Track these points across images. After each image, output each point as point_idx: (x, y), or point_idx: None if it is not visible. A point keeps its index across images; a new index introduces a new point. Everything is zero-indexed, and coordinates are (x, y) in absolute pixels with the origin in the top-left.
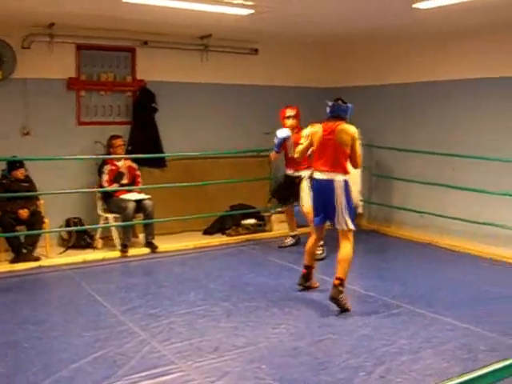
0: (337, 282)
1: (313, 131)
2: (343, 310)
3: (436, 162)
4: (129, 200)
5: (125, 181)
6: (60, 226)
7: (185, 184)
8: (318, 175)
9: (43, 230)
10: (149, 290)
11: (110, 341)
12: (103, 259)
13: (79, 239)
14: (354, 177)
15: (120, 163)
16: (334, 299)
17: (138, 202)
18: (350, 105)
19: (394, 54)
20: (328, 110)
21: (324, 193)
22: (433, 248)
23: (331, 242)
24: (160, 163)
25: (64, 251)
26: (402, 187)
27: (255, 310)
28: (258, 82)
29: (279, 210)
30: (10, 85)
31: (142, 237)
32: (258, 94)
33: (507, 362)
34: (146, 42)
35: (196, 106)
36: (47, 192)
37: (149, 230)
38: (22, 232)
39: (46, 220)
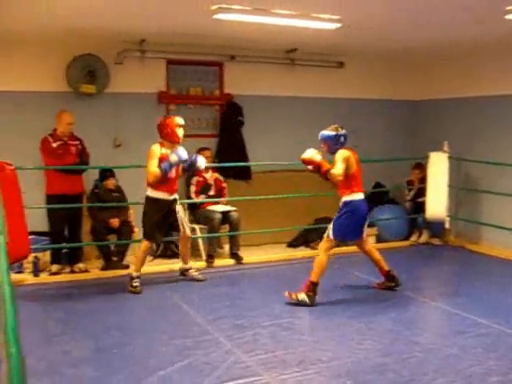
0: None
1: (348, 155)
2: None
3: None
4: (215, 211)
5: (211, 192)
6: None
7: (269, 196)
8: (360, 196)
9: (133, 240)
10: (234, 301)
11: (196, 350)
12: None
13: (166, 249)
14: (441, 191)
15: (208, 175)
16: None
17: (224, 213)
18: None
19: (484, 64)
20: (343, 139)
21: (366, 212)
22: None
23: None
24: (245, 175)
25: (152, 260)
26: (491, 202)
27: (339, 325)
28: (344, 96)
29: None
30: (103, 99)
31: (227, 248)
32: (343, 108)
33: None
34: (233, 57)
35: (282, 120)
36: (137, 202)
37: (234, 241)
38: (112, 241)
39: (136, 229)
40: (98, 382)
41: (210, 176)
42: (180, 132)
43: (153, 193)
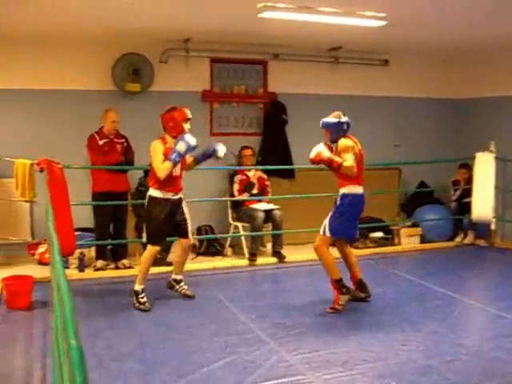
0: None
1: (352, 145)
2: None
3: None
4: (258, 210)
5: (255, 191)
6: (192, 233)
7: (312, 195)
8: (359, 190)
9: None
10: (276, 300)
11: (240, 347)
12: (232, 267)
13: (210, 246)
14: (488, 192)
15: (251, 173)
16: None
17: (267, 211)
18: None
19: None
20: (346, 126)
21: (362, 208)
22: None
23: None
24: (289, 174)
25: (195, 257)
26: None
27: (384, 325)
28: (389, 94)
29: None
30: (148, 97)
31: (269, 246)
32: (388, 106)
33: None
34: (277, 55)
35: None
36: None
37: (277, 239)
38: None
39: None
40: (142, 377)
41: (253, 174)
42: (186, 126)
43: (156, 192)
